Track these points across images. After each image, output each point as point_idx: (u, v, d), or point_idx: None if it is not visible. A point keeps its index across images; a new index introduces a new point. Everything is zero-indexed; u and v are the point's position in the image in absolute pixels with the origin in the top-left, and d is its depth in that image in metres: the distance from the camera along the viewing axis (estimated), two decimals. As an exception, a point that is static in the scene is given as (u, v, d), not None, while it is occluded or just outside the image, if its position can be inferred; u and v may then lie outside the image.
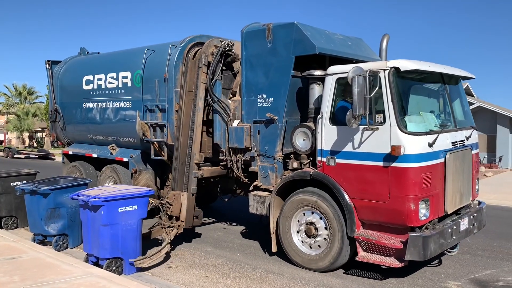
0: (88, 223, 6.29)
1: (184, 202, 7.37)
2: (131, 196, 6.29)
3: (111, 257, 6.16)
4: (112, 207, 6.10)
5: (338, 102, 6.12)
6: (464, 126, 6.63)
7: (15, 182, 8.65)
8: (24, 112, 45.90)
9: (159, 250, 6.67)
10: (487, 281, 5.97)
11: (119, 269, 6.23)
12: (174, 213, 7.40)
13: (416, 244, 5.41)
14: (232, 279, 6.04)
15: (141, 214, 6.44)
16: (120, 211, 6.16)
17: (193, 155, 7.52)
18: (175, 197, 7.46)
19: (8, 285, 5.23)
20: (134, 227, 6.31)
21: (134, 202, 6.32)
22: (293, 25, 6.49)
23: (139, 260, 6.32)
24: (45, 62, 11.60)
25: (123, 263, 6.29)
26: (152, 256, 6.48)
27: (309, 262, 6.31)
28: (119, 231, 6.17)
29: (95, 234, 6.17)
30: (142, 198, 6.44)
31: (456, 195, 6.10)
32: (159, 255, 6.61)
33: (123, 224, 6.19)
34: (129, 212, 6.24)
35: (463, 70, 6.83)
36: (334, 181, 6.02)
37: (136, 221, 6.36)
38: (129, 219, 6.26)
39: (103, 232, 6.08)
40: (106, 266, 6.12)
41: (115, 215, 6.12)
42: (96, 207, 6.07)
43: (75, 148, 10.90)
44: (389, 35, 6.98)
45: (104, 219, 6.05)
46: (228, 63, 7.80)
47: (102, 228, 6.07)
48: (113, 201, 6.11)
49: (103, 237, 6.07)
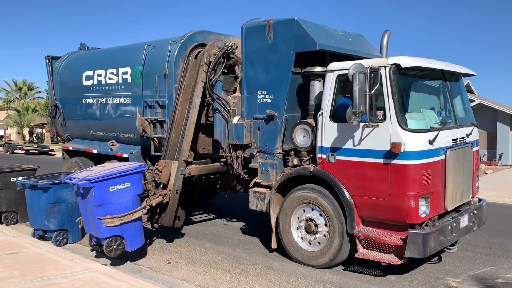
0: (84, 205, 6.27)
1: (174, 170, 7.20)
2: (121, 173, 6.21)
3: (110, 236, 6.14)
4: (102, 187, 6.03)
5: (339, 99, 6.10)
6: (464, 123, 6.62)
7: (15, 177, 8.66)
8: (24, 108, 45.87)
9: (132, 212, 6.39)
10: (487, 278, 5.98)
11: (120, 246, 6.23)
12: (162, 179, 7.22)
13: (416, 241, 5.41)
14: (231, 275, 6.05)
15: (135, 190, 6.39)
16: (112, 190, 6.10)
17: (183, 152, 7.42)
18: (165, 165, 7.33)
19: (8, 280, 5.25)
20: (129, 204, 6.25)
21: (126, 180, 6.24)
22: (294, 21, 6.47)
23: (108, 219, 6.13)
24: (45, 57, 11.57)
25: (124, 241, 6.27)
26: (123, 216, 6.27)
27: (308, 258, 6.32)
28: (114, 210, 6.11)
29: (91, 216, 6.14)
30: (135, 175, 6.36)
31: (456, 192, 6.10)
32: (130, 217, 6.37)
33: (117, 203, 6.13)
34: (121, 190, 6.18)
35: (464, 67, 6.81)
36: (334, 178, 6.01)
37: (131, 198, 6.29)
38: (122, 197, 6.19)
39: (97, 213, 6.04)
40: (106, 246, 6.12)
41: (107, 195, 6.06)
42: (86, 189, 6.01)
43: (75, 144, 10.90)
44: (389, 32, 6.97)
45: (96, 200, 6.01)
46: (230, 66, 7.75)
47: (95, 209, 6.03)
48: (103, 181, 6.05)
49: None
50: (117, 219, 6.22)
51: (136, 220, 6.42)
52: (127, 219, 6.32)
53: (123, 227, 6.22)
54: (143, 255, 6.96)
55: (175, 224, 7.37)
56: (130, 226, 6.33)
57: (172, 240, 7.74)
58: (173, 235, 7.99)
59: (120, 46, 10.36)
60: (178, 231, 8.08)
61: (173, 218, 7.29)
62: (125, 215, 6.32)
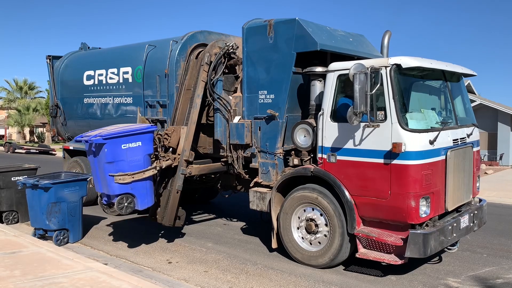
0: (95, 163, 6.32)
1: (183, 135, 7.29)
2: (133, 132, 6.30)
3: (121, 193, 6.20)
4: (114, 144, 6.11)
5: (339, 99, 6.10)
6: (465, 124, 6.62)
7: (16, 176, 8.66)
8: (25, 107, 45.91)
9: (143, 170, 6.47)
10: (487, 278, 5.98)
11: (131, 204, 6.29)
12: (171, 144, 7.30)
13: (416, 241, 5.41)
14: (232, 275, 6.05)
15: (146, 150, 6.46)
16: (124, 148, 6.17)
17: (183, 151, 7.41)
18: (174, 129, 7.40)
19: (9, 279, 5.25)
20: (140, 163, 6.32)
21: (138, 139, 6.33)
22: (295, 21, 6.47)
23: (120, 176, 6.23)
24: (46, 57, 11.58)
25: (135, 199, 6.31)
26: (134, 174, 6.36)
27: (309, 258, 6.32)
28: (126, 168, 6.16)
29: (102, 173, 6.19)
30: (146, 134, 6.45)
31: (457, 193, 6.10)
32: (141, 175, 6.46)
33: (129, 161, 6.20)
34: (133, 149, 6.24)
35: (464, 67, 6.81)
36: (335, 178, 6.02)
37: (142, 157, 6.36)
38: (134, 155, 6.26)
39: (109, 170, 6.09)
40: (117, 203, 6.17)
41: (119, 152, 6.13)
42: (99, 146, 6.07)
43: (76, 144, 10.89)
44: (390, 32, 6.97)
45: (108, 156, 6.07)
46: (230, 66, 7.75)
47: (107, 166, 6.09)
48: (115, 138, 6.12)
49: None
50: (128, 176, 6.30)
51: (146, 180, 6.50)
52: (138, 177, 6.40)
53: (134, 185, 6.28)
54: (144, 254, 6.97)
55: (175, 224, 7.37)
56: (141, 184, 6.39)
57: (172, 240, 7.75)
58: (173, 235, 7.99)
59: (121, 45, 10.37)
60: (178, 230, 8.09)
61: (174, 218, 7.30)
62: (137, 173, 6.40)
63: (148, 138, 6.49)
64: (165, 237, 7.90)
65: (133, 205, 6.30)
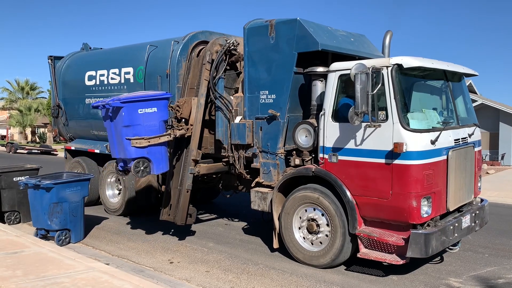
0: (112, 128, 6.47)
1: (194, 106, 7.44)
2: (149, 97, 6.47)
3: (137, 157, 6.35)
4: (131, 108, 6.28)
5: (341, 99, 6.10)
6: (466, 124, 6.62)
7: (17, 177, 8.68)
8: (26, 108, 45.97)
9: (159, 136, 6.66)
10: (489, 278, 5.98)
11: (147, 169, 6.48)
12: (183, 115, 7.47)
13: (418, 241, 5.41)
14: (233, 275, 6.05)
15: (162, 116, 6.63)
16: (140, 112, 6.33)
17: (191, 151, 7.48)
18: (185, 101, 7.54)
19: (11, 279, 5.26)
20: (156, 129, 6.49)
21: (154, 104, 6.49)
22: (296, 21, 6.48)
23: (136, 140, 6.39)
24: (48, 57, 11.60)
25: (151, 164, 6.47)
26: (150, 139, 6.54)
27: (310, 258, 6.32)
28: (142, 132, 6.32)
29: (119, 138, 6.34)
30: (162, 101, 6.62)
31: (458, 193, 6.10)
32: (157, 140, 6.63)
33: (145, 126, 6.36)
34: (149, 114, 6.41)
35: (466, 67, 6.81)
36: (336, 178, 6.02)
37: (158, 123, 6.54)
38: (150, 120, 6.43)
39: (126, 134, 6.24)
40: (134, 166, 6.33)
41: (135, 116, 6.30)
42: (116, 110, 6.23)
43: (78, 144, 10.93)
44: (392, 32, 6.96)
45: (126, 120, 6.22)
46: (232, 63, 7.77)
47: (124, 130, 6.24)
48: (132, 102, 6.29)
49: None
50: (145, 140, 6.46)
51: (162, 145, 6.67)
52: (154, 141, 6.56)
53: (150, 150, 6.44)
54: (145, 254, 6.98)
55: (187, 221, 7.47)
56: (157, 149, 6.56)
57: (174, 240, 7.76)
58: (175, 235, 8.01)
59: (123, 46, 10.37)
60: (180, 230, 8.10)
61: (185, 216, 7.41)
62: (152, 138, 6.55)
63: (163, 105, 6.69)
64: (166, 237, 7.91)
65: (149, 170, 6.50)
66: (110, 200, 9.87)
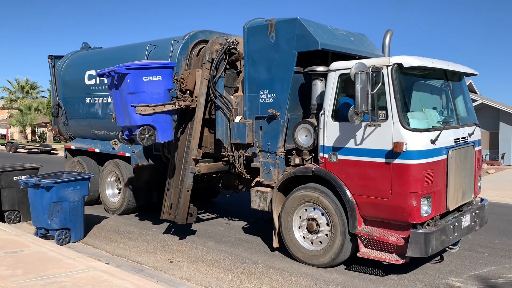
0: (117, 96, 6.51)
1: (199, 78, 7.48)
2: (154, 65, 6.50)
3: (143, 124, 6.39)
4: (136, 75, 6.31)
5: (341, 98, 6.10)
6: (467, 123, 6.62)
7: (18, 176, 8.67)
8: (26, 107, 45.96)
9: (163, 104, 6.71)
10: (488, 277, 5.98)
11: (152, 137, 6.52)
12: (188, 86, 7.51)
13: (418, 241, 5.41)
14: (233, 274, 6.06)
15: (166, 85, 6.66)
16: (145, 80, 6.37)
17: (191, 150, 7.49)
18: (190, 73, 7.58)
19: (11, 278, 5.27)
20: (161, 97, 6.53)
21: (158, 73, 6.52)
22: (296, 21, 6.47)
23: (141, 107, 6.43)
24: (48, 56, 11.60)
25: (156, 132, 6.53)
26: (155, 106, 6.57)
27: (310, 257, 6.32)
28: (147, 99, 6.35)
29: (124, 105, 6.37)
30: (166, 69, 6.66)
31: (458, 192, 6.10)
32: (161, 108, 6.68)
33: (150, 93, 6.40)
34: (154, 82, 6.44)
35: (466, 67, 6.80)
36: (336, 177, 6.02)
37: (162, 91, 6.58)
38: (154, 88, 6.46)
39: (131, 101, 6.27)
40: (139, 133, 6.38)
41: (140, 84, 6.33)
42: (122, 76, 6.26)
43: (78, 143, 10.93)
44: (392, 31, 6.96)
45: (131, 87, 6.25)
46: (232, 62, 7.77)
47: (129, 97, 6.26)
48: (137, 69, 6.32)
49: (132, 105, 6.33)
50: (150, 107, 6.49)
51: (167, 113, 6.71)
52: (159, 109, 6.59)
53: (155, 118, 6.47)
54: (145, 254, 6.98)
55: (188, 220, 7.47)
56: (162, 117, 6.59)
57: (174, 239, 7.76)
58: (175, 234, 8.01)
59: (123, 45, 10.38)
60: (180, 230, 8.10)
61: (186, 215, 7.41)
62: (157, 105, 6.59)
63: (168, 74, 6.72)
64: (166, 237, 7.91)
65: (154, 138, 6.52)
66: (110, 199, 9.87)
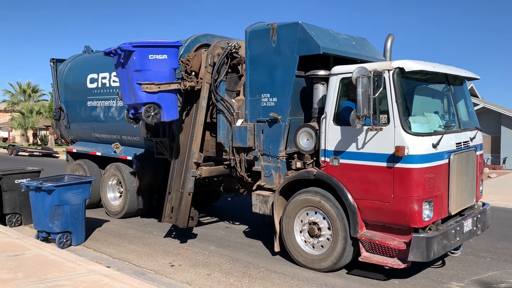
0: (123, 74, 6.56)
1: (204, 59, 7.57)
2: (161, 44, 6.58)
3: (148, 102, 6.45)
4: (143, 52, 6.39)
5: (342, 102, 6.11)
6: (468, 127, 6.61)
7: (19, 179, 8.68)
8: (28, 110, 46.07)
9: (169, 82, 6.79)
10: (491, 282, 5.96)
11: (157, 115, 6.62)
12: (193, 68, 7.61)
13: (420, 245, 5.40)
14: (234, 278, 6.05)
15: (172, 64, 6.76)
16: (151, 58, 6.45)
17: (192, 154, 7.49)
18: (195, 55, 7.67)
19: (12, 281, 5.26)
20: (166, 75, 6.61)
21: (164, 51, 6.60)
22: (298, 25, 6.49)
23: (147, 85, 6.50)
24: (50, 60, 11.64)
25: (161, 111, 6.63)
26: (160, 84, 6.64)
27: (312, 262, 6.31)
28: (153, 77, 6.42)
29: (130, 83, 6.42)
30: (172, 48, 6.73)
31: (460, 196, 6.09)
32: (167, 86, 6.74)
33: (156, 71, 6.47)
34: (160, 60, 6.52)
35: (468, 71, 6.81)
36: (338, 181, 6.01)
37: (168, 70, 6.67)
38: (160, 67, 6.54)
39: (137, 78, 6.35)
40: (145, 111, 6.45)
41: (146, 61, 6.42)
42: (128, 54, 6.35)
43: (79, 146, 10.94)
44: (393, 36, 6.97)
45: (137, 64, 6.33)
46: (233, 65, 7.78)
47: (135, 74, 6.34)
48: (143, 47, 6.40)
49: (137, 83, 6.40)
50: (155, 85, 6.56)
51: (172, 92, 6.78)
52: (165, 87, 6.67)
53: (160, 96, 6.55)
54: (146, 257, 6.97)
55: (189, 224, 7.46)
56: (167, 96, 6.67)
57: (175, 243, 7.75)
58: (176, 238, 8.00)
59: (125, 49, 10.38)
60: (181, 233, 8.09)
61: (187, 219, 7.39)
62: (163, 84, 6.66)
63: (173, 53, 6.79)
64: (167, 240, 7.91)
65: (159, 116, 6.59)
66: (111, 202, 9.87)
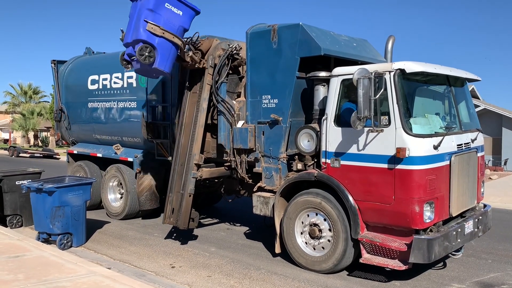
0: (136, 10, 6.63)
1: (214, 45, 7.71)
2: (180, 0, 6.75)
3: (147, 41, 6.48)
4: None
5: (343, 104, 6.11)
6: (469, 129, 6.61)
7: (20, 180, 8.68)
8: (29, 111, 46.12)
9: (174, 34, 6.81)
10: (492, 284, 5.95)
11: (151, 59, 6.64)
12: (202, 47, 7.76)
13: (421, 247, 5.39)
14: (235, 280, 6.04)
15: (183, 23, 6.91)
16: (167, 7, 6.67)
17: (193, 155, 7.48)
18: (208, 38, 7.85)
19: (13, 283, 5.26)
20: (174, 29, 6.76)
21: (181, 8, 6.86)
22: (299, 26, 6.49)
23: (152, 25, 6.53)
24: (51, 61, 11.65)
25: (157, 56, 6.64)
26: (165, 31, 6.64)
27: (312, 263, 6.30)
28: (161, 23, 6.52)
29: (138, 21, 6.51)
30: (189, 9, 6.96)
31: (461, 198, 6.08)
32: (171, 36, 6.75)
33: (165, 19, 6.65)
34: (173, 14, 6.76)
35: (469, 72, 6.80)
36: (339, 183, 6.01)
37: (177, 26, 6.84)
38: (171, 19, 6.72)
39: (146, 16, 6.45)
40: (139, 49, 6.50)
41: (161, 6, 6.61)
42: None
43: (80, 148, 10.95)
44: (394, 37, 6.98)
45: (151, 2, 6.45)
46: (234, 67, 7.79)
47: (146, 12, 6.46)
48: None
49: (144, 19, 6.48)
50: (160, 29, 6.61)
51: (173, 45, 6.80)
52: (168, 36, 6.70)
53: (160, 41, 6.62)
54: (147, 259, 6.97)
55: (189, 225, 7.44)
56: (167, 46, 6.71)
57: (176, 244, 7.75)
58: (177, 239, 7.99)
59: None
60: (182, 235, 8.09)
61: (188, 220, 7.38)
62: (168, 32, 6.68)
63: (189, 14, 6.91)
64: (168, 242, 7.90)
65: (153, 60, 6.57)
66: (112, 204, 9.88)
